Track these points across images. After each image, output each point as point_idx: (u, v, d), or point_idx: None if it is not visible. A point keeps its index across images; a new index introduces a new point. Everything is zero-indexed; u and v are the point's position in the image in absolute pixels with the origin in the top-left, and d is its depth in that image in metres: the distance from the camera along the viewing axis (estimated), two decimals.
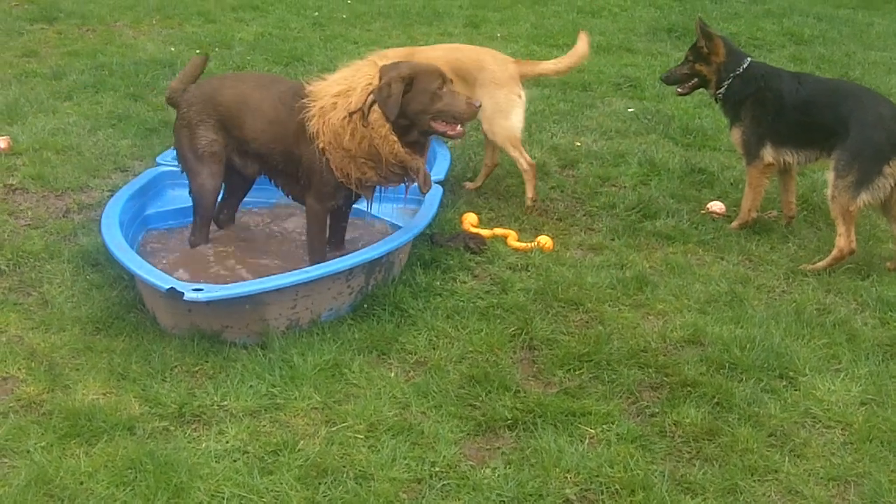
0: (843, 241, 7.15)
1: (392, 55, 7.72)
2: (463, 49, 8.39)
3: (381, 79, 6.28)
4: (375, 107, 6.25)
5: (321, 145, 6.37)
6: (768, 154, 7.58)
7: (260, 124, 6.63)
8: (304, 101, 6.46)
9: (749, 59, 7.88)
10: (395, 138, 6.28)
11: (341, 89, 6.38)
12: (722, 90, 7.82)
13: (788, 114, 7.54)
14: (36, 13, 14.15)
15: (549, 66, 8.39)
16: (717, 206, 8.16)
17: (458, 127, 6.40)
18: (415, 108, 6.27)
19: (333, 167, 6.40)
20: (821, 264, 7.22)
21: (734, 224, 7.82)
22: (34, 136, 9.10)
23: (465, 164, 8.78)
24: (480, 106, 6.54)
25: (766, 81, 7.73)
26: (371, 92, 6.27)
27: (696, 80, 8.02)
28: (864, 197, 7.09)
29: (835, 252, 7.19)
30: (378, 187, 6.60)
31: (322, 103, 6.39)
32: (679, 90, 8.15)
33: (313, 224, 6.64)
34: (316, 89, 6.49)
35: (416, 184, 6.51)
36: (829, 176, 7.26)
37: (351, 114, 6.29)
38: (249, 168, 6.83)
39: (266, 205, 7.58)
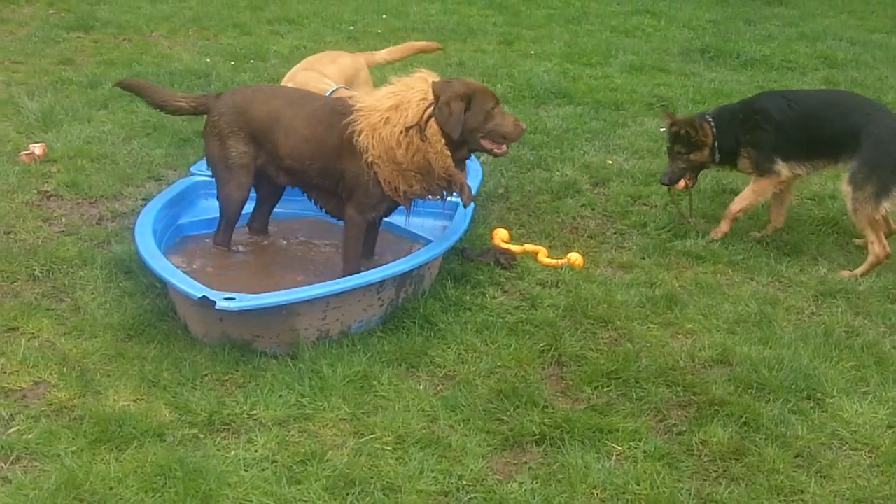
0: (877, 247, 7.38)
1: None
2: (342, 56, 9.02)
3: (437, 96, 6.38)
4: (432, 122, 6.37)
5: (370, 159, 6.45)
6: (784, 169, 7.69)
7: (294, 142, 6.69)
8: (349, 117, 6.53)
9: (706, 112, 8.12)
10: (449, 153, 6.42)
11: (392, 104, 6.47)
12: (716, 155, 7.96)
13: (788, 131, 7.69)
14: (73, 22, 14.26)
15: (383, 55, 9.37)
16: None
17: (504, 146, 6.62)
18: (470, 126, 6.44)
19: (382, 180, 6.50)
20: (859, 270, 7.40)
21: (719, 231, 7.93)
22: (69, 144, 9.17)
23: (497, 179, 8.81)
24: (525, 128, 6.74)
25: (747, 108, 7.98)
26: (428, 107, 6.38)
27: (696, 168, 8.13)
28: (886, 205, 7.34)
29: (871, 259, 7.40)
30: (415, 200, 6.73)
31: (372, 119, 6.47)
32: (687, 183, 8.23)
33: (352, 235, 6.70)
34: (363, 105, 6.57)
35: (457, 197, 6.73)
36: (846, 189, 7.47)
37: (408, 128, 6.40)
38: (282, 180, 6.89)
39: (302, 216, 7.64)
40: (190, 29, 14.42)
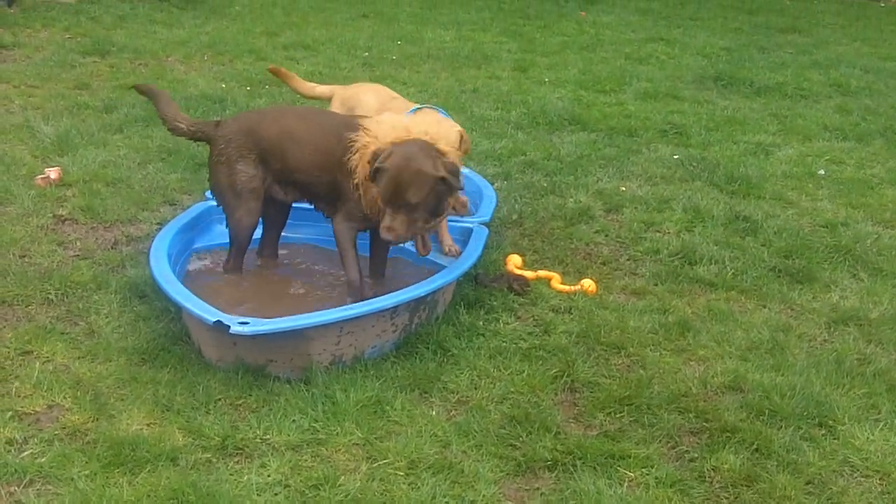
0: None
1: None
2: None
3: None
4: None
5: (356, 180, 6.51)
6: None
7: (306, 154, 6.71)
8: (353, 134, 6.55)
9: None
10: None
11: (395, 137, 6.45)
12: None
13: None
14: (89, 46, 14.32)
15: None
16: None
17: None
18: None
19: (364, 203, 6.55)
20: None
21: None
22: (85, 168, 9.20)
23: (511, 205, 8.83)
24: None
25: None
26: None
27: None
28: None
29: None
30: None
31: (366, 142, 6.49)
32: None
33: (344, 241, 6.70)
34: (371, 128, 6.58)
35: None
36: None
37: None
38: (290, 195, 6.93)
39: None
40: (205, 54, 14.50)
